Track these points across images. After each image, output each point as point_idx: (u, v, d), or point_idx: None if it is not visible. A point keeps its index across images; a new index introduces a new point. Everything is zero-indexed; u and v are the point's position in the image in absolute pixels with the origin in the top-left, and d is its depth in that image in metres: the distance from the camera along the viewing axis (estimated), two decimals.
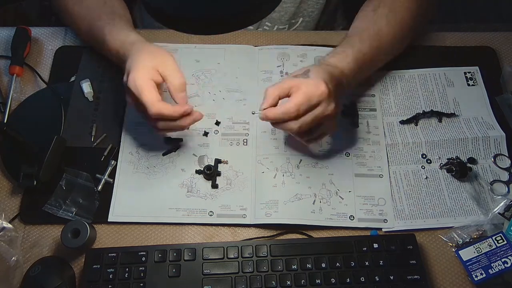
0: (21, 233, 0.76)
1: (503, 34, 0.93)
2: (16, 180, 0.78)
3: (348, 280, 0.69)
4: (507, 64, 0.89)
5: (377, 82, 0.88)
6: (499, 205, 0.76)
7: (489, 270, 0.70)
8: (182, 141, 0.82)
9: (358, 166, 0.80)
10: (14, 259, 0.71)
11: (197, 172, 0.79)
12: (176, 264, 0.71)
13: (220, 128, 0.84)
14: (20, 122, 0.83)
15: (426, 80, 0.88)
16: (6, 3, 1.11)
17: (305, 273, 0.70)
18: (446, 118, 0.84)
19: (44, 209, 0.76)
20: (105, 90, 0.87)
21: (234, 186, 0.79)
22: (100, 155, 0.81)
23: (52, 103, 0.85)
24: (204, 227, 0.76)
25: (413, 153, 0.82)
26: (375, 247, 0.72)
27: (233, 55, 0.89)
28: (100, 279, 0.69)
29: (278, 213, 0.76)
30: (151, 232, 0.76)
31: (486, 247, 0.71)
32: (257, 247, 0.72)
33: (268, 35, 0.94)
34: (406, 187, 0.79)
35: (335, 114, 0.70)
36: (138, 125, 0.84)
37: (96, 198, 0.77)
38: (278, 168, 0.79)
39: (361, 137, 0.83)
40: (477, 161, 0.80)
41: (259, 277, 0.70)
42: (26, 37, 0.90)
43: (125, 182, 0.79)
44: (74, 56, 0.90)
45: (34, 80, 0.89)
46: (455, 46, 0.92)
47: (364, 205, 0.77)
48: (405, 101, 0.87)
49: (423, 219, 0.76)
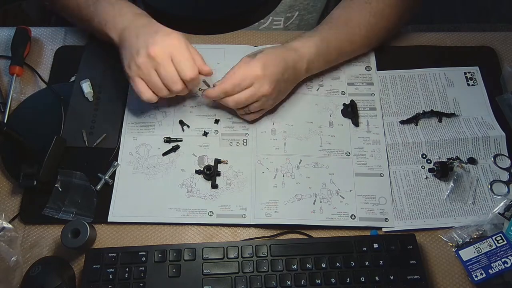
0: (21, 233, 0.76)
1: (503, 34, 0.93)
2: (16, 180, 0.78)
3: (348, 280, 0.69)
4: (507, 64, 0.89)
5: (377, 82, 0.88)
6: (499, 205, 0.76)
7: (489, 270, 0.70)
8: (182, 141, 0.82)
9: (358, 166, 0.80)
10: (14, 259, 0.71)
11: (197, 172, 0.79)
12: (176, 264, 0.71)
13: (220, 128, 0.84)
14: (20, 122, 0.83)
15: (426, 80, 0.88)
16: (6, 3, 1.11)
17: (305, 273, 0.70)
18: (446, 118, 0.84)
19: (44, 213, 0.76)
20: (105, 90, 0.87)
21: (234, 186, 0.79)
22: (100, 155, 0.81)
23: (52, 103, 0.85)
24: (204, 227, 0.76)
25: (413, 153, 0.82)
26: (375, 247, 0.72)
27: (233, 55, 0.89)
28: (100, 279, 0.69)
29: (278, 213, 0.76)
30: (151, 232, 0.76)
31: (486, 247, 0.71)
32: (257, 247, 0.72)
33: (268, 35, 0.94)
34: (406, 187, 0.79)
35: (268, 94, 0.76)
36: (138, 125, 0.84)
37: (94, 196, 0.77)
38: (278, 168, 0.79)
39: (361, 136, 0.83)
40: (477, 161, 0.80)
41: (259, 277, 0.70)
42: (26, 37, 0.90)
43: (125, 182, 0.79)
44: (74, 56, 0.90)
45: (34, 80, 0.89)
46: (455, 46, 0.92)
47: (365, 204, 0.77)
48: (405, 101, 0.87)
49: (423, 219, 0.76)
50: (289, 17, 0.99)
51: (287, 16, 0.99)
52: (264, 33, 0.94)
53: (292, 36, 0.83)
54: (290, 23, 1.01)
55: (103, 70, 0.89)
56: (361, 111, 0.85)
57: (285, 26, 1.01)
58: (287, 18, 1.00)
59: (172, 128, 0.84)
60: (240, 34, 0.93)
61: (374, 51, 0.90)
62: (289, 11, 0.98)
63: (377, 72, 0.89)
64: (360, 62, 0.90)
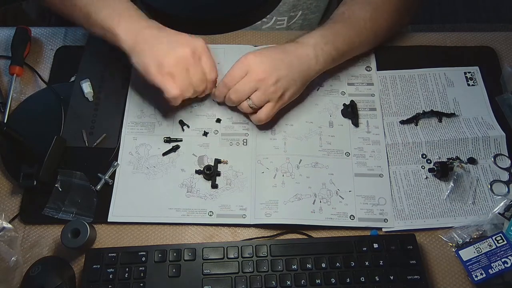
0: (21, 233, 0.76)
1: (503, 34, 0.93)
2: (16, 180, 0.78)
3: (348, 280, 0.69)
4: (507, 64, 0.89)
5: (377, 82, 0.88)
6: (499, 205, 0.76)
7: (489, 270, 0.70)
8: (182, 141, 0.82)
9: (358, 166, 0.80)
10: (14, 259, 0.71)
11: (197, 172, 0.79)
12: (176, 264, 0.71)
13: (220, 128, 0.84)
14: (20, 122, 0.83)
15: (426, 80, 0.88)
16: (6, 3, 1.11)
17: (305, 273, 0.70)
18: (446, 118, 0.84)
19: (43, 213, 0.76)
20: (105, 90, 0.87)
21: (234, 186, 0.79)
22: (100, 155, 0.81)
23: (52, 103, 0.85)
24: (204, 227, 0.76)
25: (413, 153, 0.82)
26: (375, 247, 0.72)
27: (233, 55, 0.89)
28: (100, 279, 0.69)
29: (278, 213, 0.76)
30: (151, 232, 0.76)
31: (486, 247, 0.71)
32: (257, 247, 0.72)
33: (268, 35, 0.94)
34: (406, 187, 0.79)
35: (264, 77, 0.75)
36: (138, 125, 0.84)
37: (94, 196, 0.77)
38: (278, 168, 0.79)
39: (361, 137, 0.83)
40: (477, 161, 0.80)
41: (259, 277, 0.70)
42: (26, 37, 0.90)
43: (125, 182, 0.79)
44: (74, 56, 0.90)
45: (34, 80, 0.89)
46: (455, 46, 0.92)
47: (365, 205, 0.77)
48: (405, 101, 0.87)
49: (423, 219, 0.76)
50: (292, 16, 1.00)
51: (290, 15, 0.99)
52: (265, 33, 0.94)
53: (293, 36, 0.82)
54: (293, 23, 1.01)
55: (103, 70, 0.89)
56: (361, 111, 0.85)
57: (288, 25, 1.01)
58: (290, 18, 1.00)
59: (172, 128, 0.84)
60: (240, 34, 0.93)
61: (374, 51, 0.90)
62: (293, 10, 0.98)
63: (377, 72, 0.89)
64: (360, 62, 0.90)
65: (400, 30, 0.92)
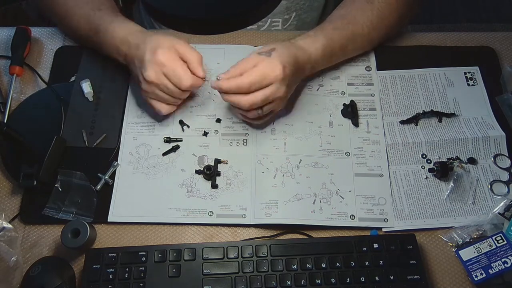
0: (21, 233, 0.76)
1: (503, 34, 0.93)
2: (16, 180, 0.78)
3: (348, 280, 0.69)
4: (507, 64, 0.89)
5: (377, 82, 0.88)
6: (499, 205, 0.76)
7: (489, 270, 0.70)
8: (182, 141, 0.82)
9: (358, 166, 0.80)
10: (14, 259, 0.71)
11: (197, 172, 0.79)
12: (176, 264, 0.71)
13: (220, 128, 0.84)
14: (20, 122, 0.83)
15: (426, 80, 0.88)
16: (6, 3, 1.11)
17: (305, 273, 0.70)
18: (446, 118, 0.84)
19: (43, 213, 0.76)
20: (105, 90, 0.87)
21: (234, 186, 0.79)
22: (100, 155, 0.81)
23: (52, 103, 0.85)
24: (204, 227, 0.76)
25: (413, 153, 0.82)
26: (375, 247, 0.72)
27: (233, 55, 0.89)
28: (100, 279, 0.69)
29: (278, 213, 0.76)
30: (151, 232, 0.76)
31: (486, 247, 0.71)
32: (257, 247, 0.72)
33: (269, 35, 0.94)
34: (406, 187, 0.79)
35: (285, 96, 0.75)
36: (138, 125, 0.84)
37: (94, 196, 0.77)
38: (278, 168, 0.79)
39: (361, 136, 0.83)
40: (477, 161, 0.80)
41: (259, 277, 0.70)
42: (26, 37, 0.90)
43: (125, 182, 0.79)
44: (74, 56, 0.90)
45: (34, 80, 0.89)
46: (455, 46, 0.92)
47: (365, 205, 0.77)
48: (405, 101, 0.87)
49: (423, 219, 0.76)
50: (287, 18, 0.99)
51: (285, 18, 0.99)
52: (265, 33, 0.94)
53: (293, 35, 0.82)
54: (289, 25, 1.01)
55: (103, 70, 0.89)
56: (361, 111, 0.85)
57: (284, 28, 1.01)
58: (285, 20, 1.00)
59: (172, 128, 0.84)
60: (240, 34, 0.93)
61: (374, 51, 0.90)
62: (286, 12, 0.98)
63: (377, 72, 0.89)
64: (360, 62, 0.90)
65: (400, 30, 0.92)
